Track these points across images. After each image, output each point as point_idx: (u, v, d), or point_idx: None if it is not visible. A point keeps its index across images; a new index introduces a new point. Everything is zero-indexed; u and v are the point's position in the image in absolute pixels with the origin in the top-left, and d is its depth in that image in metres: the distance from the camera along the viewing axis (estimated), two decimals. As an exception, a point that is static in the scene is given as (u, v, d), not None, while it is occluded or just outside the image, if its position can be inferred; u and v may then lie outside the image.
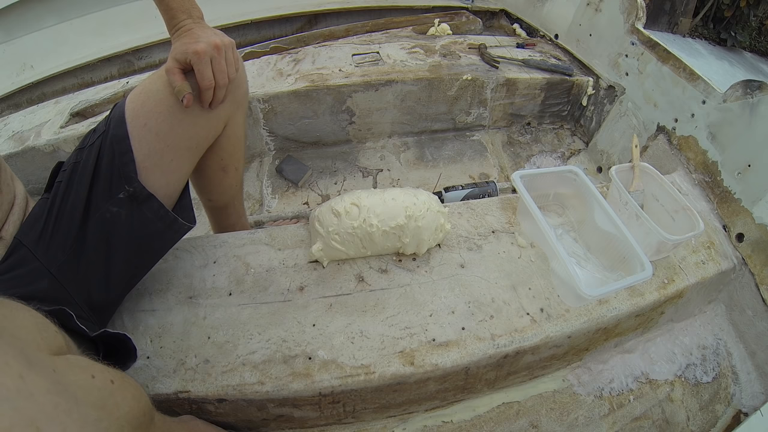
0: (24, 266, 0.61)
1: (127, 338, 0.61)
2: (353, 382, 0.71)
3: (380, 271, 0.84)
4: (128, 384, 0.49)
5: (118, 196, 0.64)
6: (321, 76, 1.37)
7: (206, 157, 0.80)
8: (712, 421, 0.90)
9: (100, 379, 0.44)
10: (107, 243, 0.65)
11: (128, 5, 1.75)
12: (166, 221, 0.70)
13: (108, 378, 0.45)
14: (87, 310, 0.64)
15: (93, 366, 0.45)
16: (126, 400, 0.46)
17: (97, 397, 0.42)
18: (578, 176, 0.92)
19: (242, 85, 0.79)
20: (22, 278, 0.60)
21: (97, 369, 0.45)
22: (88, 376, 0.43)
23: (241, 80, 0.78)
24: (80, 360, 0.45)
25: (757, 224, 0.97)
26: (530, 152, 1.56)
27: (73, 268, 0.62)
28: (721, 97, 1.07)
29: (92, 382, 0.42)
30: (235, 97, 0.76)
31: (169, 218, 0.70)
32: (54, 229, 0.62)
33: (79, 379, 0.41)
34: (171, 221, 0.70)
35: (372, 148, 1.52)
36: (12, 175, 0.68)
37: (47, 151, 1.20)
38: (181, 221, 0.71)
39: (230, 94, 0.74)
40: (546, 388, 0.89)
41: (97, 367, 0.45)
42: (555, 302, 0.82)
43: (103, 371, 0.45)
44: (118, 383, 0.46)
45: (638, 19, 1.34)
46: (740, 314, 1.01)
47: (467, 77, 1.42)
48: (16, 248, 0.62)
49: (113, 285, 0.68)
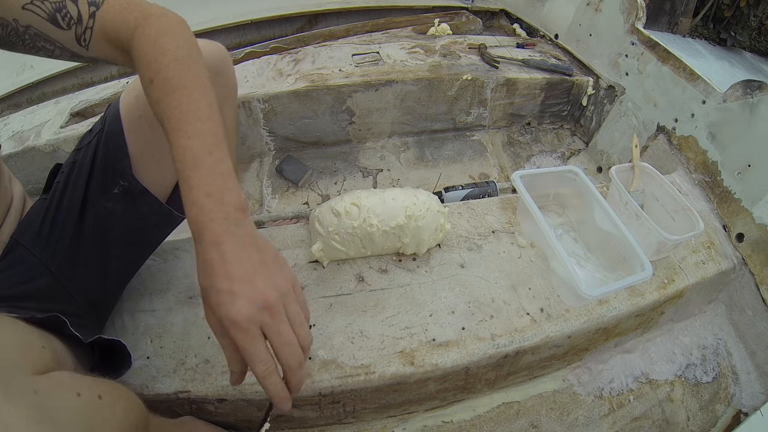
0: (21, 264, 0.61)
1: (122, 345, 0.61)
2: (353, 382, 0.71)
3: (380, 271, 0.84)
4: (118, 396, 0.48)
5: (113, 192, 0.65)
6: (321, 76, 1.37)
7: None
8: (712, 421, 0.90)
9: (87, 395, 0.42)
10: (104, 238, 0.65)
11: (128, 5, 1.75)
12: (161, 214, 0.70)
13: (95, 393, 0.44)
14: (86, 308, 0.65)
15: (79, 383, 0.43)
16: (115, 414, 0.45)
17: (83, 416, 0.41)
18: (578, 176, 0.92)
19: (231, 77, 0.78)
20: (20, 276, 0.60)
21: (83, 385, 0.43)
22: (73, 394, 0.41)
23: (229, 72, 0.76)
24: (65, 377, 0.43)
25: (757, 224, 0.97)
26: (530, 152, 1.56)
27: (71, 264, 0.63)
28: (721, 97, 1.07)
29: (77, 400, 0.41)
30: (222, 89, 0.75)
31: (163, 211, 0.70)
32: (51, 227, 0.63)
33: (63, 399, 0.40)
34: (165, 213, 0.70)
35: (372, 148, 1.52)
36: (10, 177, 0.68)
37: (47, 151, 1.20)
38: (175, 213, 0.71)
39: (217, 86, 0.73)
40: (546, 388, 0.89)
41: (84, 383, 0.44)
42: (555, 302, 0.82)
43: (90, 387, 0.44)
44: (107, 397, 0.45)
45: (638, 19, 1.34)
46: (740, 314, 1.01)
47: (467, 77, 1.42)
48: (13, 247, 0.62)
49: (111, 279, 0.69)
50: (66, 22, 0.50)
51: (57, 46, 0.51)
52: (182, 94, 0.47)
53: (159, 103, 0.48)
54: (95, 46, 0.53)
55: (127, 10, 0.52)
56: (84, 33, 0.51)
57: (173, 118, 0.46)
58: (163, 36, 0.50)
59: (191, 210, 0.43)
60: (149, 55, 0.49)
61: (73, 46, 0.52)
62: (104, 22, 0.51)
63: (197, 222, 0.43)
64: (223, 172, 0.45)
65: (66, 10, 0.49)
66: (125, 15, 0.52)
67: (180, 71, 0.48)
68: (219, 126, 0.48)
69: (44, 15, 0.49)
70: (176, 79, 0.48)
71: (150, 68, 0.48)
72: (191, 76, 0.49)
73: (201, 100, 0.48)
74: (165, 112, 0.47)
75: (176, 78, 0.48)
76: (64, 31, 0.50)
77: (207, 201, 0.43)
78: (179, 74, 0.48)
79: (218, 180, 0.44)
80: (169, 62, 0.48)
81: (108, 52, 0.54)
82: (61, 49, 0.52)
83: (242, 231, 0.44)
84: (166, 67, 0.48)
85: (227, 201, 0.44)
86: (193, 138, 0.45)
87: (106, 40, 0.52)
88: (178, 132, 0.46)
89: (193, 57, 0.51)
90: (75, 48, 0.52)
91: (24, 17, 0.48)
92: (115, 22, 0.52)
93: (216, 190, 0.44)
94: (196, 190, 0.43)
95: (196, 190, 0.43)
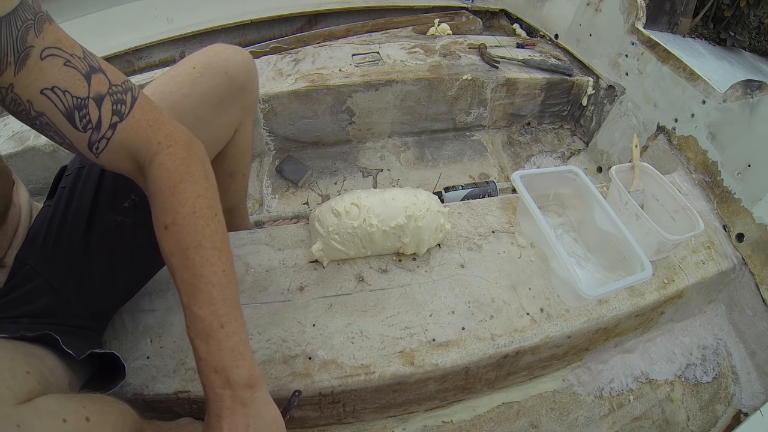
0: (27, 285, 0.58)
1: (115, 356, 0.60)
2: (353, 382, 0.71)
3: (380, 271, 0.84)
4: (108, 413, 0.47)
5: (123, 205, 0.63)
6: (321, 76, 1.37)
7: (215, 163, 0.78)
8: (712, 421, 0.90)
9: (73, 420, 0.42)
10: (111, 252, 0.63)
11: (128, 5, 1.75)
12: None
13: (82, 416, 0.43)
14: (87, 318, 0.63)
15: (64, 407, 0.43)
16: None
17: None
18: (578, 176, 0.92)
19: (254, 92, 0.77)
20: (25, 297, 0.58)
21: (69, 409, 0.43)
22: (58, 422, 0.41)
23: (252, 87, 0.76)
24: (50, 403, 0.42)
25: (757, 224, 0.97)
26: (530, 152, 1.56)
27: (75, 278, 0.61)
28: (721, 97, 1.07)
29: (64, 427, 0.41)
30: (246, 103, 0.75)
31: None
32: (56, 240, 0.60)
33: (47, 428, 0.40)
34: None
35: (372, 148, 1.52)
36: (16, 187, 0.63)
37: (47, 151, 1.20)
38: None
39: (241, 101, 0.72)
40: (546, 388, 0.89)
41: (71, 407, 0.43)
42: (555, 302, 0.82)
43: (77, 410, 0.43)
44: (95, 418, 0.44)
45: (638, 19, 1.34)
46: (740, 314, 1.01)
47: (467, 77, 1.42)
48: (18, 268, 0.60)
49: (116, 293, 0.67)
50: (83, 125, 0.45)
51: (66, 142, 0.46)
52: (197, 254, 0.48)
53: (172, 256, 0.48)
54: (107, 156, 0.48)
55: (152, 129, 0.49)
56: (99, 141, 0.47)
57: (186, 280, 0.48)
58: (184, 180, 0.49)
59: (201, 378, 0.47)
60: (167, 199, 0.48)
61: (83, 149, 0.47)
62: (125, 137, 0.47)
63: (205, 392, 0.47)
64: (233, 347, 0.47)
65: (86, 110, 0.44)
66: (149, 135, 0.49)
67: (197, 227, 0.48)
68: (233, 291, 0.50)
69: (61, 108, 0.43)
70: (192, 236, 0.48)
71: (166, 214, 0.48)
72: (208, 233, 0.49)
73: (216, 263, 0.49)
74: (178, 271, 0.48)
75: (192, 234, 0.48)
76: (78, 133, 0.45)
77: (215, 377, 0.47)
78: (196, 230, 0.48)
79: (227, 357, 0.47)
80: (187, 214, 0.48)
81: (120, 164, 0.50)
82: (69, 146, 0.47)
83: (245, 410, 0.47)
84: (183, 219, 0.48)
85: (234, 380, 0.47)
86: (205, 307, 0.47)
87: (124, 152, 0.49)
88: (191, 297, 0.48)
89: (213, 208, 0.51)
90: (85, 151, 0.47)
91: (39, 103, 0.43)
92: (137, 141, 0.48)
93: (223, 367, 0.47)
94: (204, 363, 0.47)
95: (204, 363, 0.47)
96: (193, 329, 0.47)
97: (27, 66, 0.41)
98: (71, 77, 0.43)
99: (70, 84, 0.43)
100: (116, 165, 0.50)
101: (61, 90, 0.43)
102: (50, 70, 0.42)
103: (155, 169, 0.49)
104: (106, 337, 0.73)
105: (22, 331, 0.51)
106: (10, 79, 0.41)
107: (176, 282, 0.49)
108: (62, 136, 0.46)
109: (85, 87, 0.44)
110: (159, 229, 0.49)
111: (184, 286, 0.48)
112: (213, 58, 0.69)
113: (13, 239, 0.61)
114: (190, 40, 1.76)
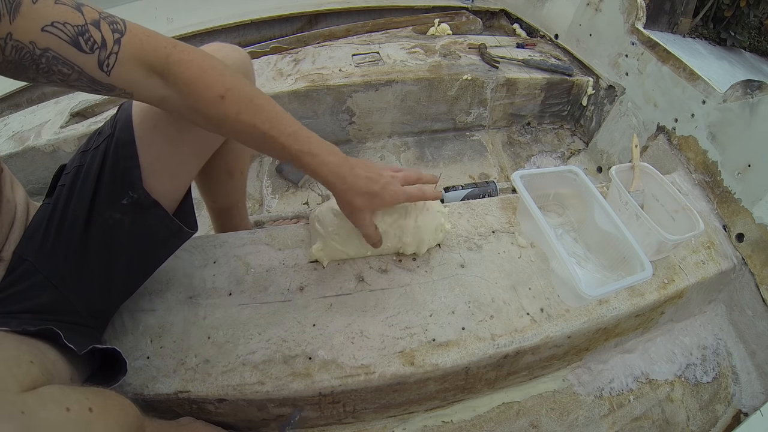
0: (25, 281, 0.59)
1: (117, 352, 0.60)
2: (353, 382, 0.71)
3: (380, 271, 0.84)
4: (111, 406, 0.48)
5: (122, 203, 0.63)
6: (321, 76, 1.37)
7: (213, 160, 0.79)
8: (712, 421, 0.90)
9: (76, 410, 0.43)
10: (110, 250, 0.64)
11: (128, 5, 1.75)
12: (171, 229, 0.69)
13: (85, 407, 0.44)
14: (87, 316, 0.63)
15: (68, 397, 0.43)
16: (108, 427, 0.45)
17: (73, 431, 0.41)
18: (578, 176, 0.92)
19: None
20: (24, 293, 0.58)
21: (73, 399, 0.43)
22: (62, 410, 0.41)
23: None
24: (54, 392, 0.43)
25: (757, 224, 0.97)
26: (530, 152, 1.56)
27: (74, 276, 0.61)
28: (721, 97, 1.07)
29: (67, 416, 0.41)
30: None
31: (173, 226, 0.68)
32: (55, 237, 0.61)
33: (51, 416, 0.40)
34: (176, 229, 0.69)
35: (372, 148, 1.52)
36: (12, 184, 0.64)
37: (47, 151, 1.20)
38: (185, 229, 0.70)
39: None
40: (546, 388, 0.89)
41: (74, 397, 0.44)
42: (555, 302, 0.82)
43: (80, 401, 0.44)
44: (98, 410, 0.45)
45: (638, 19, 1.34)
46: (740, 314, 1.01)
47: (467, 77, 1.42)
48: (17, 264, 0.60)
49: (115, 291, 0.67)
50: (89, 47, 0.48)
51: (75, 70, 0.49)
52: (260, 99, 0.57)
53: (242, 113, 0.55)
54: (119, 71, 0.51)
55: (152, 37, 0.53)
56: (108, 58, 0.49)
57: (266, 119, 0.57)
58: (207, 58, 0.55)
59: (321, 170, 0.61)
60: (206, 78, 0.54)
61: (93, 71, 0.50)
62: (131, 49, 0.51)
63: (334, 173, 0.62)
64: (326, 142, 0.62)
65: (89, 34, 0.48)
66: (153, 42, 0.52)
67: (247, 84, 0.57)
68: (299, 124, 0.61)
69: (65, 38, 0.46)
70: (249, 88, 0.57)
71: (213, 89, 0.54)
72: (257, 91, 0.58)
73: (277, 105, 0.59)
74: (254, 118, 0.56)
75: (249, 87, 0.57)
76: (86, 55, 0.48)
77: (332, 158, 0.61)
78: (246, 86, 0.56)
79: (327, 146, 0.62)
80: (232, 76, 0.56)
81: (132, 75, 0.52)
82: (79, 73, 0.49)
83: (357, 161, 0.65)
84: (232, 82, 0.55)
85: (340, 153, 0.63)
86: (294, 124, 0.59)
87: (134, 62, 0.51)
88: (279, 128, 0.58)
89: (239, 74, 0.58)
90: (95, 73, 0.50)
91: (42, 39, 0.45)
92: (143, 49, 0.51)
93: (332, 151, 0.62)
94: (321, 156, 0.60)
95: (322, 156, 0.60)
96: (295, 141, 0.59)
97: (21, 12, 0.44)
98: (65, 11, 0.47)
99: (67, 16, 0.47)
100: (129, 78, 0.52)
101: (60, 23, 0.46)
102: (44, 10, 0.45)
103: (174, 65, 0.53)
104: (106, 337, 0.73)
105: (24, 325, 0.52)
106: (7, 28, 0.43)
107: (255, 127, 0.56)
108: (70, 65, 0.48)
109: (80, 16, 0.48)
110: (214, 104, 0.54)
111: (265, 125, 0.57)
112: None
113: (9, 234, 0.61)
114: (191, 40, 1.76)
